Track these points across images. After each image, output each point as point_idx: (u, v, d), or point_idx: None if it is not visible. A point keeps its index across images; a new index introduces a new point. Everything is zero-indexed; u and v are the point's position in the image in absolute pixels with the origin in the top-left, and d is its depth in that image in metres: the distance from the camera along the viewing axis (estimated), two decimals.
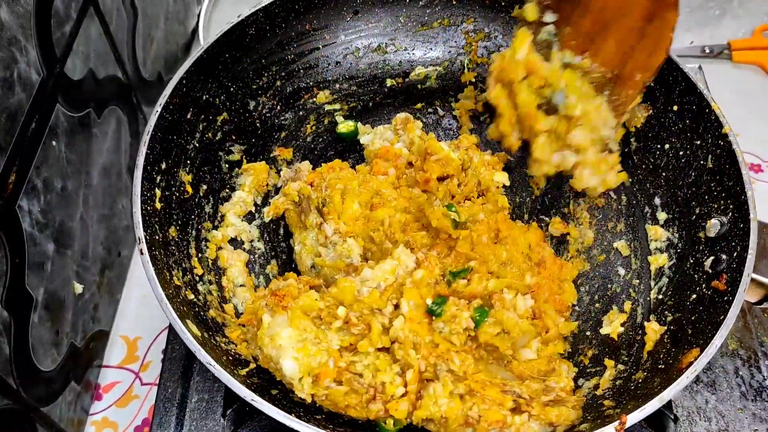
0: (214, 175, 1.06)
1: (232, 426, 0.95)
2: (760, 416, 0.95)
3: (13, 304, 0.87)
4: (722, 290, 0.85)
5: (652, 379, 0.83)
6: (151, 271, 0.82)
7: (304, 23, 1.15)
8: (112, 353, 1.19)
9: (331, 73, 1.20)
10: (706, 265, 0.90)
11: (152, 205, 0.90)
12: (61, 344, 1.00)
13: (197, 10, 1.63)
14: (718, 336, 0.79)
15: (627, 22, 0.85)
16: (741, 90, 1.52)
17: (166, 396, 0.97)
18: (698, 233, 0.94)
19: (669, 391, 0.75)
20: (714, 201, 0.94)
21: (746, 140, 1.39)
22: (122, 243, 1.23)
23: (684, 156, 1.00)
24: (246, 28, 1.08)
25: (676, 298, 0.93)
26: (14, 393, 0.88)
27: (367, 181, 1.08)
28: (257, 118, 1.13)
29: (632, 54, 0.86)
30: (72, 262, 1.03)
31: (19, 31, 0.86)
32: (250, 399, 0.75)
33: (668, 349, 0.87)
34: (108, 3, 1.13)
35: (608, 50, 0.87)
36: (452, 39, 1.22)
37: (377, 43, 1.21)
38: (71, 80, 1.01)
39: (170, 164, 0.97)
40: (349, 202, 1.04)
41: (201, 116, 1.04)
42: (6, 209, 0.85)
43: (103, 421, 1.11)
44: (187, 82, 1.00)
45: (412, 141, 1.14)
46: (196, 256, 0.97)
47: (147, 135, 0.92)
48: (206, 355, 0.77)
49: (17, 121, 0.86)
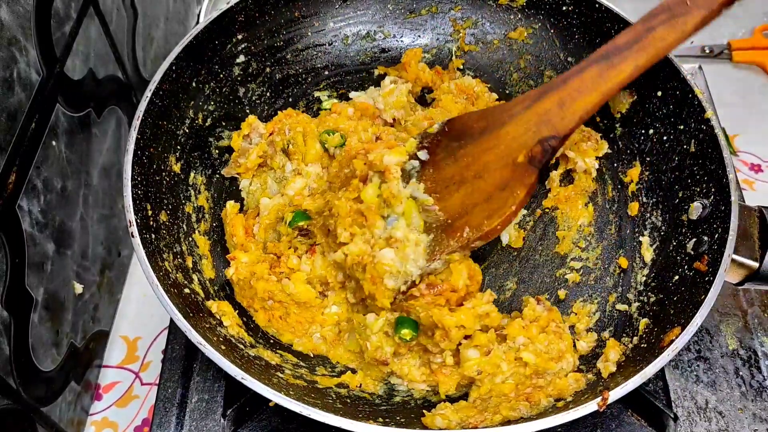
0: (204, 161, 1.07)
1: (232, 426, 0.95)
2: (760, 416, 0.96)
3: (13, 304, 0.86)
4: (703, 271, 0.86)
5: (635, 358, 0.85)
6: (142, 253, 0.83)
7: (294, 10, 1.16)
8: (112, 353, 1.19)
9: (321, 60, 1.21)
10: (689, 247, 0.92)
11: (142, 189, 0.91)
12: (61, 344, 1.00)
13: (197, 10, 1.63)
14: (698, 315, 0.80)
15: (481, 184, 0.91)
16: (741, 90, 1.53)
17: (166, 396, 0.97)
18: (681, 216, 0.96)
19: (651, 367, 0.77)
20: (696, 184, 0.95)
21: (746, 140, 1.43)
22: (122, 243, 1.23)
23: (668, 141, 1.01)
24: (236, 15, 1.09)
25: (659, 279, 0.94)
26: (14, 393, 0.88)
27: (324, 122, 1.11)
28: (247, 105, 1.14)
29: (472, 210, 0.90)
30: (72, 262, 1.03)
31: (19, 31, 0.86)
32: (240, 377, 0.76)
33: (651, 328, 0.88)
34: (108, 3, 1.13)
35: (455, 200, 0.91)
36: (440, 26, 1.23)
37: (366, 31, 1.22)
38: (71, 80, 1.01)
39: (160, 150, 0.97)
40: (311, 143, 1.06)
41: (191, 102, 1.04)
42: (6, 209, 0.85)
43: (103, 421, 1.11)
44: (177, 68, 1.01)
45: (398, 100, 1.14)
46: (186, 241, 0.98)
47: (137, 120, 0.93)
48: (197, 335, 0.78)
49: (17, 121, 0.86)
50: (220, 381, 0.99)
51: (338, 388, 0.89)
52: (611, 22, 1.08)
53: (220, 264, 1.01)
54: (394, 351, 0.89)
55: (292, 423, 0.96)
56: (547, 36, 1.17)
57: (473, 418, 0.80)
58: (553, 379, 0.85)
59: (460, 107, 1.12)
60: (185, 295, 0.88)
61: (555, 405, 0.82)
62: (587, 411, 0.75)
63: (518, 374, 0.85)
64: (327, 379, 0.90)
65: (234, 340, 0.88)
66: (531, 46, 1.19)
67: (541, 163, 0.89)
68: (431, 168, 0.94)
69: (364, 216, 0.88)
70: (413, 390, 0.90)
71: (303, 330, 0.95)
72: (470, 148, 0.94)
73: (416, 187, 0.92)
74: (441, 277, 0.89)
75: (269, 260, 0.96)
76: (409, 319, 0.87)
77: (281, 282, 0.92)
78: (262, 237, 1.01)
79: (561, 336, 0.88)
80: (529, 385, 0.84)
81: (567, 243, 1.06)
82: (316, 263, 0.94)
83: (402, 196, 0.89)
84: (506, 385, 0.84)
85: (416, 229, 0.89)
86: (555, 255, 1.07)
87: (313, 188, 1.03)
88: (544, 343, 0.86)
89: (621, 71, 0.88)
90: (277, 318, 0.94)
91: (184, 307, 0.83)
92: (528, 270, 1.06)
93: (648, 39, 0.88)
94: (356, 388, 0.90)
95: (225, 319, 0.90)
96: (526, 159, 0.90)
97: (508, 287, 1.04)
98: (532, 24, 1.18)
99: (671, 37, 0.87)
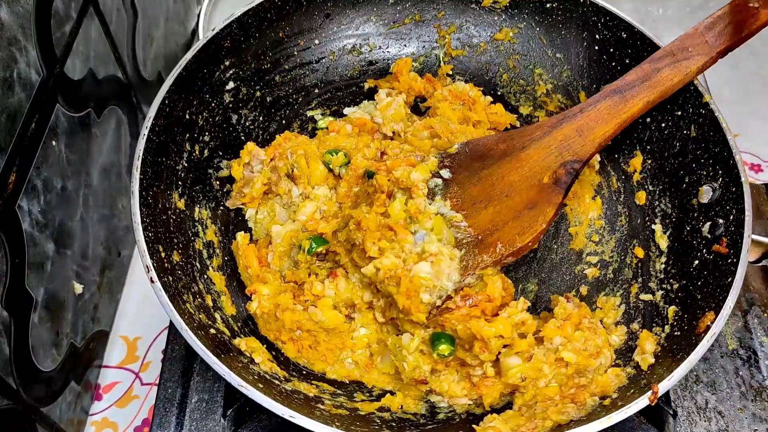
0: (206, 194, 1.04)
1: (232, 426, 0.95)
2: (760, 416, 0.97)
3: (13, 304, 0.86)
4: (724, 253, 0.88)
5: (671, 347, 0.86)
6: (165, 298, 0.80)
7: (278, 31, 1.13)
8: (112, 353, 1.19)
9: (309, 79, 1.19)
10: (704, 231, 0.93)
11: (152, 231, 0.88)
12: (61, 344, 1.00)
13: (197, 10, 1.63)
14: (730, 297, 0.82)
15: (509, 202, 0.95)
16: (741, 90, 1.55)
17: (166, 396, 0.97)
18: (691, 201, 0.97)
19: (694, 355, 0.78)
20: (702, 168, 0.97)
21: (746, 140, 1.44)
22: (122, 243, 1.23)
23: (667, 128, 1.03)
24: (221, 41, 1.06)
25: (679, 265, 0.95)
26: (14, 393, 0.88)
27: (324, 142, 1.10)
28: (241, 132, 1.11)
29: (503, 227, 0.93)
30: (72, 262, 1.03)
31: (19, 31, 0.86)
32: (288, 416, 0.74)
33: (680, 316, 0.89)
34: (108, 3, 1.12)
35: (483, 217, 0.94)
36: (425, 34, 1.22)
37: (351, 45, 1.21)
38: (71, 80, 1.01)
39: (163, 188, 0.95)
40: (314, 165, 1.06)
41: (186, 135, 1.01)
42: (6, 209, 0.85)
43: (103, 421, 1.11)
44: (169, 102, 0.98)
45: (396, 113, 1.14)
46: (202, 279, 0.95)
47: (138, 160, 0.90)
48: (237, 378, 0.75)
49: (17, 121, 0.86)
50: (220, 381, 0.98)
51: (380, 412, 0.87)
52: (596, 15, 1.09)
53: (239, 299, 0.99)
54: (431, 368, 0.88)
55: (292, 423, 0.94)
56: (533, 34, 1.18)
57: (524, 427, 0.80)
58: (594, 377, 0.85)
59: (459, 114, 1.12)
60: (212, 336, 0.85)
61: (601, 403, 0.82)
62: (639, 407, 0.76)
63: (560, 375, 0.84)
64: (367, 405, 0.88)
65: (269, 377, 0.85)
66: (518, 45, 1.19)
67: (566, 184, 0.94)
68: (456, 186, 0.96)
69: (392, 230, 0.87)
70: (455, 405, 0.89)
71: (334, 357, 0.93)
72: (493, 169, 0.97)
73: (442, 204, 0.93)
74: (475, 289, 0.88)
75: (291, 289, 0.94)
76: (444, 334, 0.86)
77: (307, 310, 0.90)
78: (278, 265, 0.99)
79: (595, 331, 0.88)
80: (572, 385, 0.84)
81: (581, 238, 1.07)
82: (340, 286, 0.93)
83: (429, 212, 0.88)
84: (550, 388, 0.84)
85: (448, 244, 0.89)
86: (570, 252, 1.07)
87: (324, 210, 1.02)
88: (581, 341, 0.86)
89: (634, 105, 0.96)
90: (306, 348, 0.92)
91: (214, 349, 0.80)
92: (546, 270, 1.06)
93: (656, 79, 0.96)
94: (398, 410, 0.88)
95: (255, 355, 0.88)
96: (552, 180, 0.94)
97: (529, 289, 1.04)
98: (517, 24, 1.18)
99: (677, 79, 0.95)
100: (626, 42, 1.07)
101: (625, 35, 1.07)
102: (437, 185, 0.96)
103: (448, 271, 0.86)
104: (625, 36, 1.07)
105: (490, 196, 0.95)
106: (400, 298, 0.85)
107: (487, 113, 1.14)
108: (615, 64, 1.09)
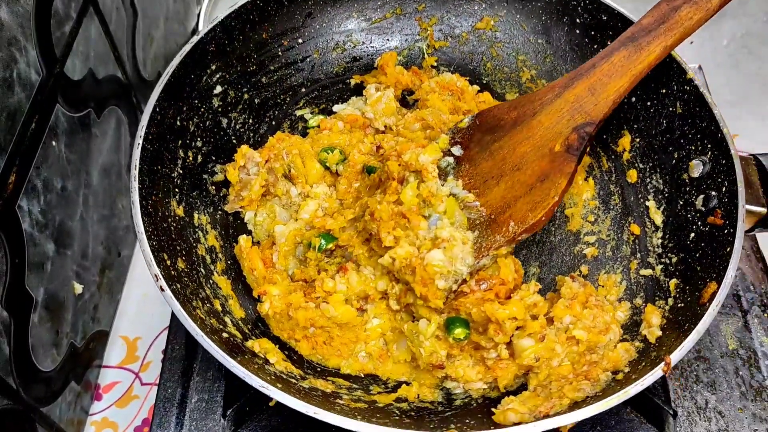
0: (203, 199, 1.03)
1: (232, 426, 0.95)
2: (760, 416, 0.97)
3: (13, 304, 0.86)
4: (720, 224, 0.90)
5: (676, 319, 0.88)
6: (178, 306, 0.80)
7: (261, 32, 1.13)
8: (112, 353, 1.19)
9: (296, 79, 1.19)
10: (698, 204, 0.95)
11: (156, 240, 0.87)
12: (61, 344, 1.00)
13: (197, 10, 1.62)
14: (730, 267, 0.84)
15: (521, 176, 0.92)
16: (740, 90, 1.55)
17: (166, 396, 0.97)
18: (682, 176, 0.99)
19: (702, 324, 0.80)
20: (691, 143, 0.99)
21: (746, 140, 1.43)
22: (122, 243, 1.23)
23: (652, 106, 1.05)
24: (206, 45, 1.06)
25: (676, 239, 0.98)
26: (14, 393, 0.88)
27: (317, 140, 1.11)
28: (233, 135, 1.11)
29: (515, 204, 0.91)
30: (72, 262, 1.02)
31: (19, 31, 0.85)
32: (312, 413, 0.74)
33: (682, 288, 0.91)
34: (108, 3, 1.12)
35: (495, 194, 0.92)
36: (407, 27, 1.23)
37: (334, 42, 1.21)
38: (71, 80, 1.00)
39: (161, 196, 0.94)
40: (310, 163, 1.06)
41: (179, 142, 1.01)
42: (6, 209, 0.85)
43: (103, 421, 1.11)
44: (160, 109, 0.97)
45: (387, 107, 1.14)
46: (208, 284, 0.94)
47: (135, 170, 0.90)
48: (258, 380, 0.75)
49: (17, 121, 0.86)
50: (220, 381, 0.99)
51: (398, 403, 0.88)
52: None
53: (246, 302, 0.98)
54: (447, 353, 0.89)
55: (291, 422, 0.96)
56: (514, 21, 1.19)
57: (542, 406, 0.81)
58: (605, 353, 0.87)
59: (449, 104, 1.13)
60: (225, 340, 0.85)
61: (614, 378, 0.84)
62: (654, 379, 0.78)
63: (572, 353, 0.86)
64: (384, 396, 0.89)
65: (285, 376, 0.85)
66: (500, 33, 1.21)
67: (578, 150, 0.90)
68: (467, 164, 0.95)
69: (406, 218, 0.87)
70: (470, 390, 0.90)
71: (349, 351, 0.94)
72: (504, 141, 0.94)
73: (454, 184, 0.92)
74: (488, 272, 0.89)
75: (301, 287, 0.94)
76: (459, 318, 0.88)
77: (320, 307, 0.91)
78: (284, 265, 0.99)
79: (602, 308, 0.90)
80: (584, 362, 0.86)
81: (577, 219, 1.09)
82: (352, 280, 0.93)
83: (441, 195, 0.88)
84: (563, 367, 0.85)
85: (461, 227, 0.89)
86: (568, 233, 1.09)
87: (326, 208, 1.02)
88: (589, 318, 0.88)
89: (650, 52, 0.90)
90: (321, 344, 0.93)
91: (230, 352, 0.80)
92: (546, 252, 1.08)
93: (674, 19, 0.89)
94: (415, 399, 0.89)
95: (270, 356, 0.88)
96: (563, 148, 0.91)
97: (531, 272, 1.06)
98: (497, 12, 1.20)
99: (697, 16, 0.88)
100: (607, 24, 1.08)
101: (605, 17, 1.09)
102: (449, 164, 0.95)
103: (461, 256, 0.87)
104: (606, 18, 1.09)
105: (502, 171, 0.93)
106: (417, 286, 0.86)
107: (476, 102, 1.15)
108: (597, 47, 1.11)
